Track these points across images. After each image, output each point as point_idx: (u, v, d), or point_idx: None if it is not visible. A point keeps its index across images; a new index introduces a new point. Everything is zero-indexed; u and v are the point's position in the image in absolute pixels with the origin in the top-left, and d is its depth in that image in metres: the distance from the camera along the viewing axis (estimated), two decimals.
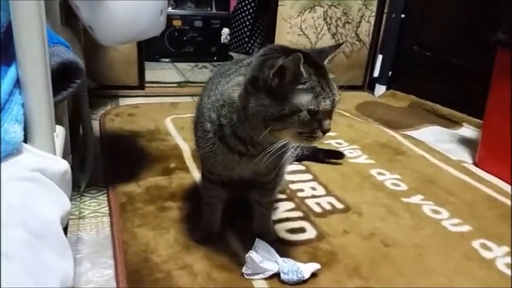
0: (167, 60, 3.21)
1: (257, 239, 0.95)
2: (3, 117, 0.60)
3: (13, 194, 0.54)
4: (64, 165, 0.70)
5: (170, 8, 3.25)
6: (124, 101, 2.19)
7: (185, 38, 3.19)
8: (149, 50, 3.00)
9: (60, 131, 0.88)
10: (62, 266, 0.56)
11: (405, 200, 1.33)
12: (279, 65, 0.72)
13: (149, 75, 2.51)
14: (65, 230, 0.93)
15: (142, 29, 1.01)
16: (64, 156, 1.04)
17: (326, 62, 0.82)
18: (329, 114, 0.79)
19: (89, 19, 0.96)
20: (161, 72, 2.91)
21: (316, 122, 0.77)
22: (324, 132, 0.78)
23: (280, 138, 0.79)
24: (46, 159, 0.67)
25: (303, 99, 0.74)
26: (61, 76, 0.86)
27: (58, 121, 0.93)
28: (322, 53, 0.83)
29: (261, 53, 0.81)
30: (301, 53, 0.74)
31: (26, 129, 0.67)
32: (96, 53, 2.24)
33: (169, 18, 3.21)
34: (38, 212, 0.56)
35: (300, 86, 0.74)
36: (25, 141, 0.67)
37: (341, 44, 0.86)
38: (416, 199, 1.35)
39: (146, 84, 2.44)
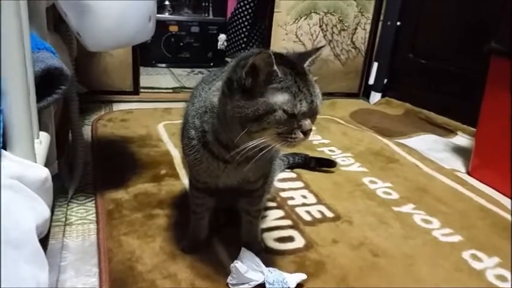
0: (163, 65, 3.21)
1: (243, 249, 0.94)
2: None
3: None
4: (43, 173, 0.69)
5: (167, 14, 3.26)
6: (118, 106, 2.18)
7: (181, 44, 3.20)
8: (146, 55, 3.01)
9: (44, 138, 0.87)
10: (36, 276, 0.55)
11: (396, 209, 1.32)
12: (250, 64, 0.72)
13: (144, 81, 2.51)
14: (47, 237, 0.92)
15: (130, 35, 1.01)
16: (49, 163, 1.04)
17: (306, 64, 0.80)
18: (309, 115, 0.76)
19: (77, 25, 0.96)
20: (157, 77, 2.90)
21: (295, 123, 0.74)
22: (305, 133, 0.75)
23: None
24: (25, 167, 0.66)
25: (278, 98, 0.73)
26: (46, 82, 0.86)
27: (43, 127, 0.92)
28: (303, 55, 0.82)
29: (241, 56, 0.81)
30: (279, 54, 0.73)
31: (5, 136, 0.66)
32: (90, 58, 2.24)
33: (166, 23, 3.25)
34: (15, 220, 0.55)
35: (275, 85, 0.73)
36: (4, 148, 0.66)
37: (322, 46, 0.85)
38: (408, 208, 1.34)
39: (141, 90, 2.43)
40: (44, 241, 0.77)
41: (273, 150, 0.88)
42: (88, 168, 1.41)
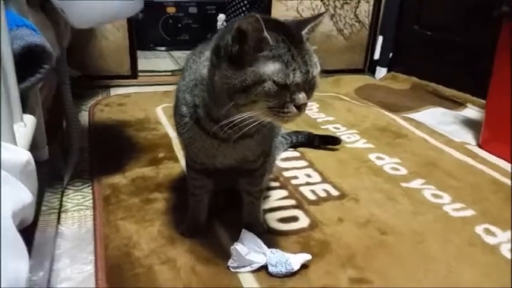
0: (162, 48, 3.14)
1: (243, 230, 0.90)
2: None
3: None
4: (24, 156, 0.65)
5: None
6: (116, 91, 2.13)
7: (180, 26, 3.12)
8: (144, 38, 2.94)
9: (30, 120, 0.82)
10: (15, 266, 0.51)
11: (404, 184, 1.27)
12: (236, 28, 0.65)
13: (143, 64, 2.45)
14: (35, 225, 0.88)
15: (115, 9, 0.95)
16: (38, 148, 0.99)
17: (305, 32, 0.73)
18: (304, 87, 0.70)
19: (59, 2, 0.90)
20: (156, 61, 2.84)
21: (287, 95, 0.68)
22: (299, 107, 0.69)
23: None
24: (4, 150, 0.61)
25: (268, 68, 0.67)
26: (28, 61, 0.81)
27: (29, 110, 0.88)
28: (301, 22, 0.75)
29: (233, 21, 0.74)
30: (272, 19, 0.67)
31: None
32: (86, 43, 2.18)
33: (163, 5, 3.17)
34: None
35: (265, 53, 0.67)
36: None
37: (323, 13, 0.78)
38: (416, 183, 1.29)
39: (140, 74, 2.38)
40: (31, 229, 0.73)
41: (269, 126, 0.83)
42: (84, 154, 1.37)
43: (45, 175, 1.08)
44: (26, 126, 0.79)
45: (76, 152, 1.25)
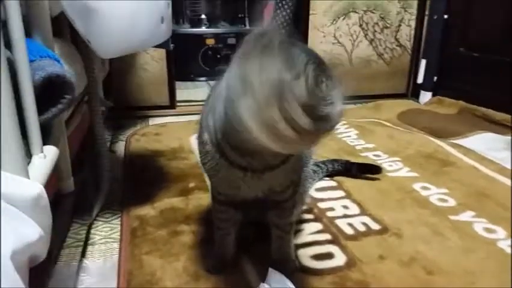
0: (202, 79, 3.18)
1: (270, 269, 0.83)
2: None
3: None
4: (35, 190, 0.62)
5: (203, 27, 3.25)
6: (154, 121, 2.15)
7: (219, 56, 3.15)
8: (185, 69, 3.00)
9: (51, 152, 0.80)
10: None
11: (453, 217, 1.16)
12: None
13: (183, 95, 2.48)
14: (51, 260, 0.85)
15: (142, 39, 0.94)
16: (63, 179, 0.98)
17: None
18: None
19: (85, 32, 0.90)
20: (196, 91, 2.87)
21: None
22: None
23: None
24: (12, 183, 0.59)
25: None
26: (51, 92, 0.80)
27: (53, 140, 0.87)
28: None
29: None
30: None
31: None
32: (125, 75, 2.23)
33: (203, 37, 3.22)
34: None
35: None
36: None
37: None
38: (467, 216, 1.17)
39: (178, 103, 2.40)
40: (45, 264, 0.70)
41: (298, 155, 0.77)
42: (117, 184, 1.36)
43: (72, 207, 1.06)
44: (45, 157, 0.78)
45: (106, 183, 1.23)
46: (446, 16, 2.39)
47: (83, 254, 1.02)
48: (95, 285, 0.92)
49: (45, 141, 0.80)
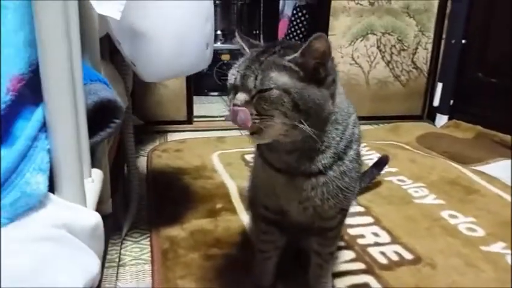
0: (215, 94, 3.19)
1: None
2: (24, 166, 0.53)
3: (19, 260, 0.46)
4: (94, 219, 0.62)
5: (218, 43, 3.26)
6: (172, 136, 2.15)
7: None
8: (198, 84, 3.00)
9: (97, 175, 0.80)
10: None
11: (484, 248, 1.15)
12: None
13: (197, 109, 2.48)
14: (99, 284, 0.84)
15: (187, 64, 0.94)
16: (102, 202, 0.98)
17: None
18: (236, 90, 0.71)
19: (131, 54, 0.91)
20: (209, 106, 2.88)
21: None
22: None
23: None
24: (73, 212, 0.58)
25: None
26: (99, 116, 0.80)
27: (97, 163, 0.86)
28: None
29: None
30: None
31: (52, 177, 0.59)
32: (146, 90, 2.24)
33: (218, 52, 3.24)
34: (52, 282, 0.47)
35: None
36: (52, 190, 0.59)
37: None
38: (497, 247, 1.16)
39: (195, 119, 2.40)
40: None
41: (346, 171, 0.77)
42: (142, 202, 1.35)
43: (108, 228, 1.06)
44: (93, 181, 0.77)
45: (134, 202, 1.23)
46: (464, 41, 2.41)
47: (116, 276, 1.01)
48: None
49: (92, 164, 0.80)
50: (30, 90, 0.61)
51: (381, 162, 1.50)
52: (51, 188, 0.59)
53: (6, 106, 0.55)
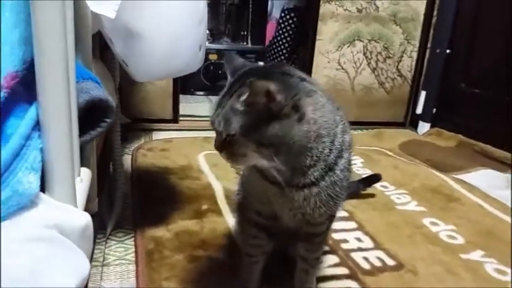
0: (201, 93, 3.18)
1: None
2: (17, 165, 0.52)
3: (20, 261, 0.45)
4: (84, 219, 0.61)
5: (207, 43, 3.25)
6: (157, 135, 2.13)
7: (220, 72, 3.17)
8: (185, 83, 3.00)
9: (85, 174, 0.80)
10: None
11: (464, 256, 1.18)
12: None
13: (183, 109, 2.47)
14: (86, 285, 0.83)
15: (180, 65, 0.94)
16: (90, 201, 0.96)
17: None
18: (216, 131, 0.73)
19: (123, 54, 0.90)
20: (196, 105, 2.87)
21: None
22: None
23: None
24: (64, 213, 0.58)
25: None
26: (90, 114, 0.79)
27: (85, 162, 0.85)
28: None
29: None
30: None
31: (44, 176, 0.58)
32: (132, 86, 2.22)
33: (206, 52, 3.24)
34: (49, 283, 0.46)
35: None
36: (42, 189, 0.58)
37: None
38: (477, 255, 1.19)
39: (180, 118, 2.39)
40: None
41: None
42: (126, 201, 1.34)
43: (95, 228, 1.04)
44: (82, 181, 0.77)
45: (120, 201, 1.22)
46: (448, 50, 2.46)
47: (100, 276, 1.00)
48: None
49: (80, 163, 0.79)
50: (24, 87, 0.61)
51: (373, 179, 1.49)
52: (42, 187, 0.58)
53: None
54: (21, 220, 0.52)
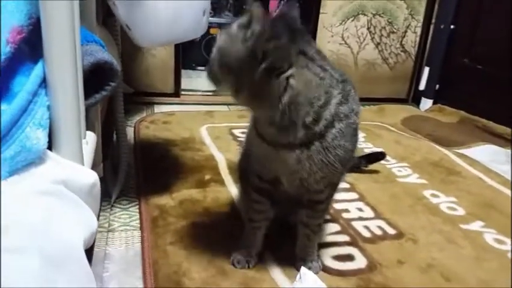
0: (203, 68, 3.15)
1: (303, 269, 0.84)
2: (25, 120, 0.52)
3: (31, 212, 0.46)
4: (92, 177, 0.62)
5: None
6: (159, 108, 2.13)
7: None
8: (186, 57, 2.97)
9: (91, 138, 0.80)
10: None
11: (464, 226, 1.19)
12: None
13: (185, 83, 2.45)
14: (92, 247, 0.85)
15: (183, 30, 0.93)
16: (95, 166, 0.97)
17: None
18: None
19: (127, 17, 0.89)
20: (197, 80, 2.85)
21: None
22: None
23: None
24: (72, 170, 0.58)
25: None
26: (94, 77, 0.79)
27: (90, 127, 0.86)
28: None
29: None
30: None
31: (51, 135, 0.59)
32: (133, 58, 2.20)
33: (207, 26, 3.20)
34: (58, 234, 0.47)
35: None
36: (50, 148, 0.59)
37: None
38: (476, 226, 1.20)
39: (182, 92, 2.38)
40: (88, 252, 0.70)
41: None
42: (130, 171, 1.35)
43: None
44: (88, 144, 0.77)
45: (124, 169, 1.22)
46: (452, 26, 2.43)
47: (106, 241, 1.01)
48: (120, 273, 0.92)
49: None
50: (29, 46, 0.61)
51: (378, 156, 1.50)
52: (49, 146, 0.59)
53: (6, 58, 0.54)
54: (29, 175, 0.52)
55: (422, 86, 2.59)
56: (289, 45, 0.73)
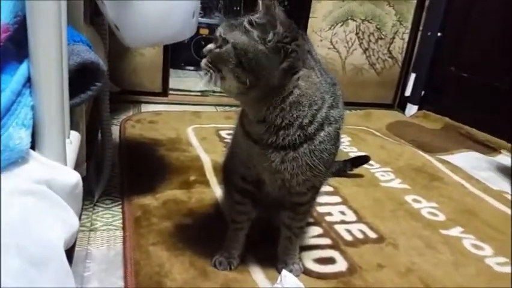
0: (192, 68, 3.15)
1: (284, 271, 0.85)
2: (8, 120, 0.52)
3: (10, 212, 0.46)
4: (74, 178, 0.62)
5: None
6: (146, 107, 2.13)
7: None
8: (175, 57, 2.96)
9: (75, 137, 0.80)
10: None
11: (443, 232, 1.21)
12: None
13: (173, 83, 2.45)
14: (73, 247, 0.85)
15: (173, 31, 0.94)
16: (78, 165, 0.97)
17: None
18: None
19: (116, 17, 0.89)
20: (186, 80, 2.85)
21: None
22: None
23: None
24: (54, 170, 0.59)
25: None
26: (80, 77, 0.79)
27: (74, 126, 0.86)
28: None
29: None
30: None
31: (35, 135, 0.59)
32: (121, 57, 2.19)
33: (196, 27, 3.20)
34: (38, 234, 0.47)
35: None
36: (33, 147, 0.59)
37: None
38: (456, 231, 1.23)
39: (170, 92, 2.38)
40: (69, 251, 0.70)
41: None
42: (114, 170, 1.35)
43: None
44: (71, 143, 0.77)
45: (108, 168, 1.22)
46: (439, 34, 2.47)
47: (87, 241, 1.01)
48: (101, 272, 0.92)
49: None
50: (14, 44, 0.61)
51: (361, 160, 1.53)
52: (33, 146, 0.59)
53: None
54: (11, 175, 0.52)
55: (408, 92, 2.63)
56: (305, 46, 0.76)
